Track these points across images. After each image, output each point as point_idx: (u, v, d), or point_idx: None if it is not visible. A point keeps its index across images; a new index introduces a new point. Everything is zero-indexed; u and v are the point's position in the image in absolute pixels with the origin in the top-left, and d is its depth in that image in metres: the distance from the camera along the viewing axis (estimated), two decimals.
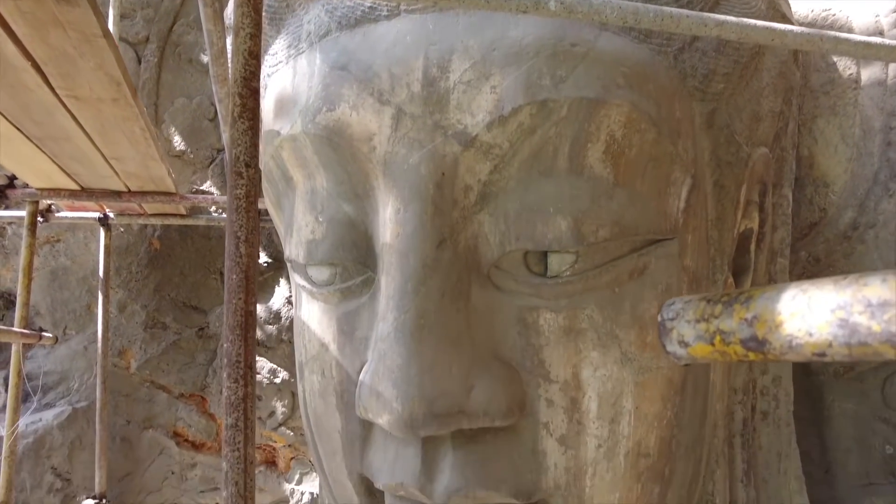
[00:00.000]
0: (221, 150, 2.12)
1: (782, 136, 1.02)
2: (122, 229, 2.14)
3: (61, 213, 2.01)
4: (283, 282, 2.03)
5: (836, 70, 1.18)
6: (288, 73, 0.80)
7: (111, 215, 2.01)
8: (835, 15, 1.18)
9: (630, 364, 0.68)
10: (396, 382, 0.63)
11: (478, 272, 0.69)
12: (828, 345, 0.22)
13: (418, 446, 0.68)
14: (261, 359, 2.03)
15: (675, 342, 0.26)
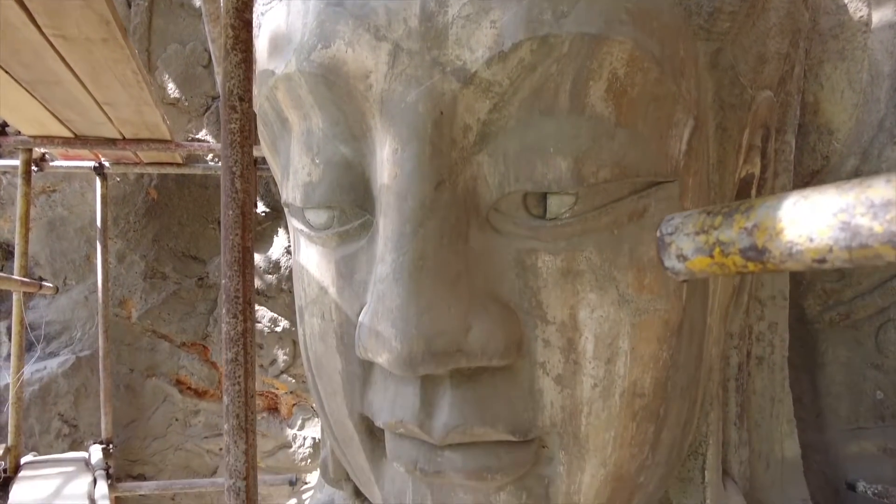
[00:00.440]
0: (216, 98, 2.08)
1: (788, 79, 1.00)
2: (118, 179, 2.13)
3: (56, 163, 1.99)
4: (281, 231, 2.03)
5: (847, 12, 1.15)
6: (282, 11, 0.78)
7: (107, 164, 1.99)
8: None
9: (627, 305, 0.68)
10: (395, 322, 0.63)
11: (476, 214, 0.68)
12: (828, 250, 0.22)
13: (417, 385, 0.69)
14: (261, 308, 2.04)
15: (673, 256, 0.26)
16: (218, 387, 2.16)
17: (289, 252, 2.03)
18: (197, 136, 2.08)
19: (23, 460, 1.88)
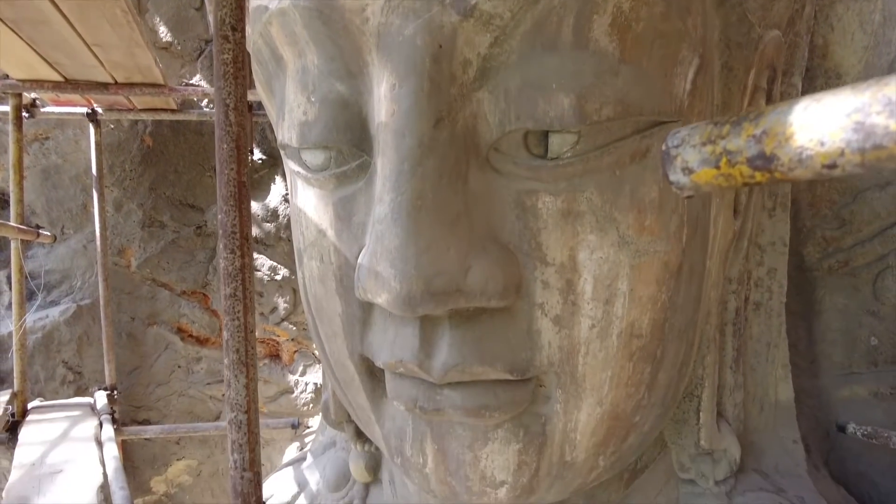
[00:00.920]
0: (210, 42, 2.03)
1: (797, 19, 0.97)
2: (111, 126, 2.09)
3: (47, 108, 1.95)
4: (278, 179, 2.01)
5: None
6: None
7: (99, 110, 1.95)
8: None
9: (627, 247, 0.68)
10: (394, 262, 0.63)
11: (476, 154, 0.67)
12: (839, 153, 0.21)
13: (416, 326, 0.69)
14: (260, 256, 2.04)
15: (678, 170, 0.26)
16: (219, 334, 2.18)
17: (286, 200, 2.02)
18: (191, 82, 2.04)
19: (30, 405, 1.91)
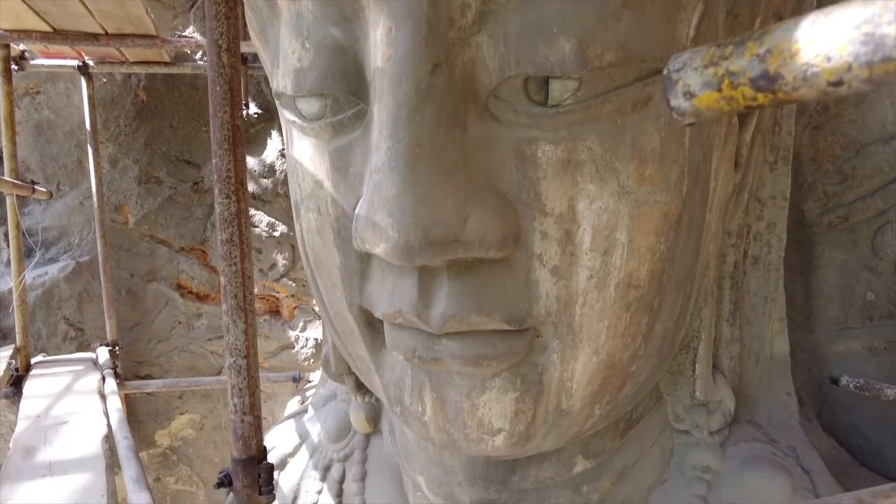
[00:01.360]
0: None
1: None
2: (104, 80, 2.05)
3: (37, 61, 1.91)
4: (275, 134, 1.98)
5: None
6: None
7: (90, 63, 1.91)
8: None
9: (627, 197, 0.67)
10: (391, 212, 0.63)
11: (475, 101, 0.66)
12: (846, 68, 0.20)
13: (415, 277, 0.69)
14: (258, 212, 2.03)
15: (679, 94, 0.25)
16: (219, 290, 2.19)
17: (283, 155, 1.99)
18: (184, 34, 1.99)
19: (33, 360, 1.93)
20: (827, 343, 1.29)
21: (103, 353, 1.95)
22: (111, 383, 1.62)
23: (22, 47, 1.84)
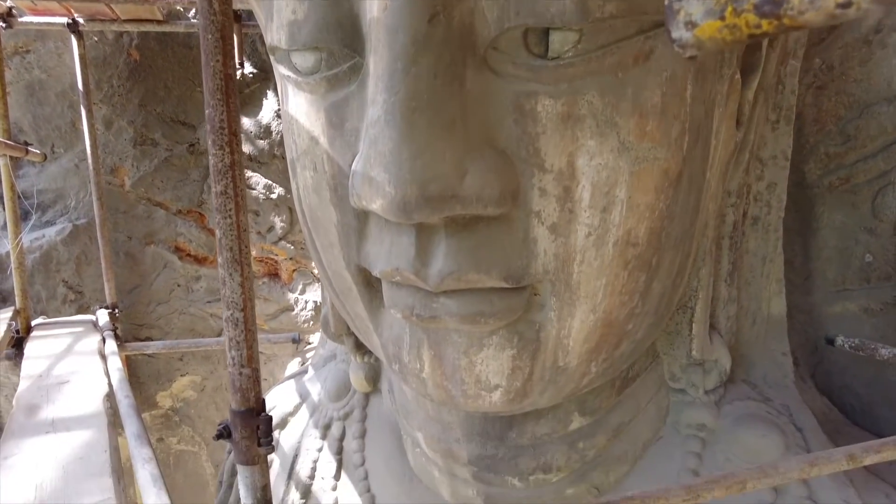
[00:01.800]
0: None
1: None
2: (95, 38, 2.01)
3: (25, 18, 1.86)
4: (270, 94, 1.95)
5: None
6: None
7: (81, 20, 1.87)
8: None
9: (627, 153, 0.67)
10: (388, 167, 0.62)
11: (473, 53, 0.64)
12: None
13: (412, 234, 0.69)
14: (255, 174, 2.02)
15: (681, 25, 0.24)
16: (217, 253, 2.19)
17: (279, 116, 1.97)
18: None
19: (33, 322, 1.94)
20: (824, 305, 1.29)
21: (103, 316, 1.95)
22: (111, 344, 1.63)
23: (9, 3, 1.79)
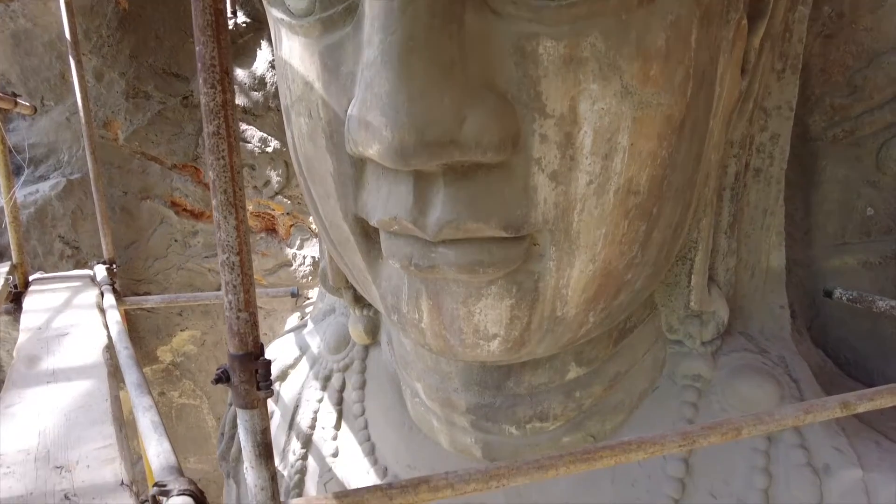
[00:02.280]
0: None
1: None
2: None
3: None
4: (264, 45, 1.90)
5: None
6: None
7: None
8: None
9: (630, 98, 0.65)
10: (385, 110, 0.60)
11: None
12: None
13: (410, 182, 0.68)
14: (249, 127, 1.98)
15: None
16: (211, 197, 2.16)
17: (274, 67, 1.92)
18: None
19: (31, 278, 1.94)
20: (823, 258, 1.29)
21: (101, 271, 1.95)
22: (110, 298, 1.63)
23: None
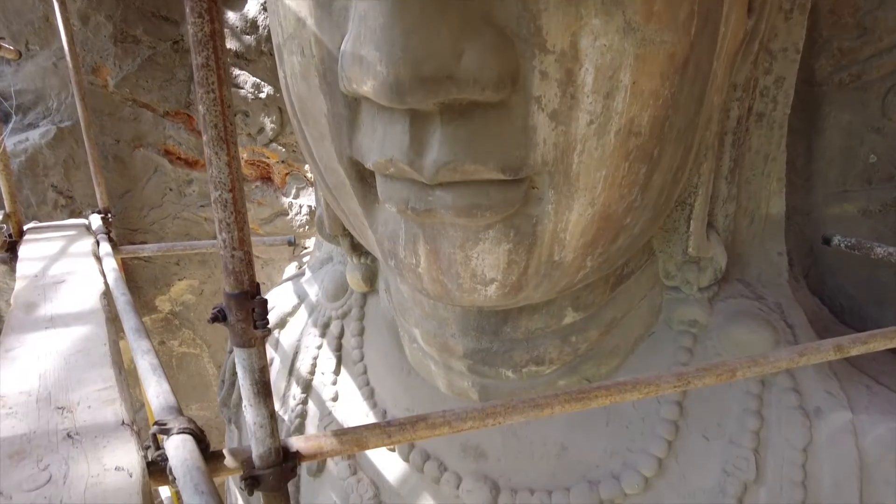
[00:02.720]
0: None
1: None
2: None
3: None
4: None
5: None
6: None
7: None
8: None
9: (633, 34, 0.63)
10: (379, 44, 0.58)
11: None
12: None
13: (406, 123, 0.66)
14: (242, 72, 1.94)
15: None
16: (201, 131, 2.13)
17: (265, 9, 1.86)
18: None
19: (25, 227, 1.92)
20: (822, 206, 1.29)
21: (95, 220, 1.93)
22: (106, 246, 1.62)
23: None
